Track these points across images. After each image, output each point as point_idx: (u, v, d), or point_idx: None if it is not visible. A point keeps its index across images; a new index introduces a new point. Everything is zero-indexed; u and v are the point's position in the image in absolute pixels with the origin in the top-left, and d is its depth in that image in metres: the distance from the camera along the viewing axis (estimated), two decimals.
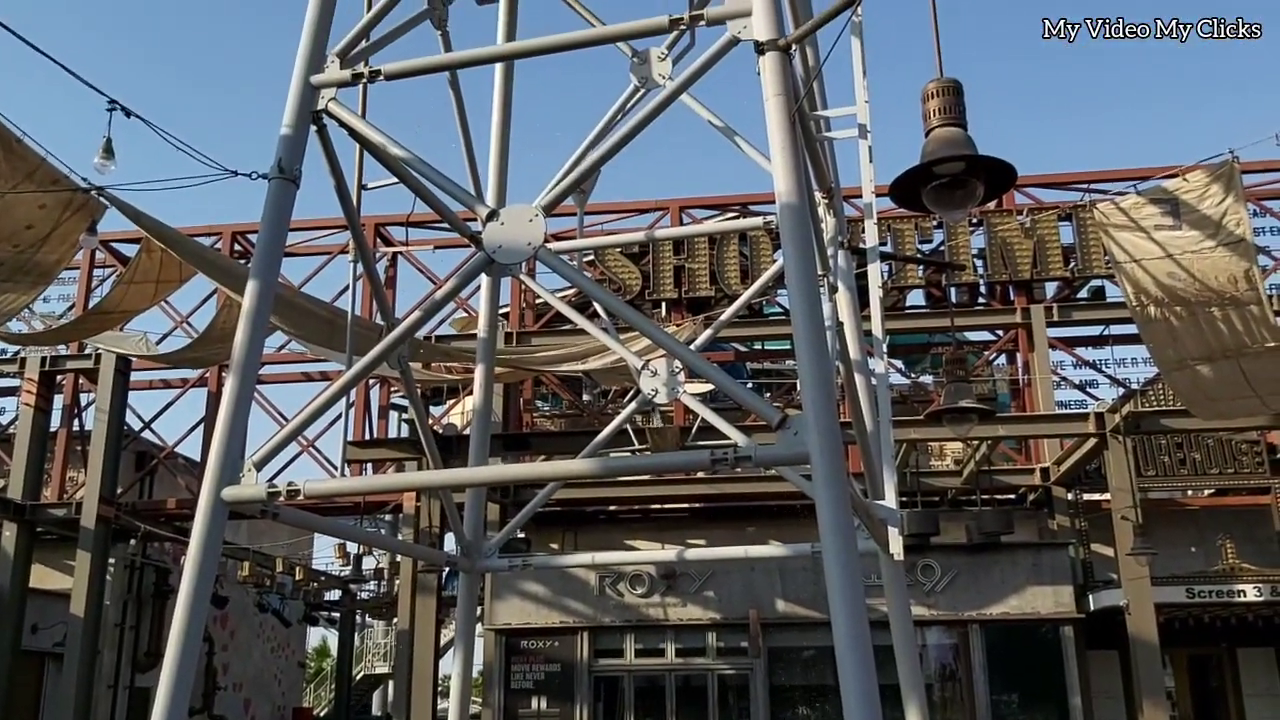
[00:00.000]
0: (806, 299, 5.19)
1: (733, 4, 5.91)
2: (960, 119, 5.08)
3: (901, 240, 18.36)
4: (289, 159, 6.11)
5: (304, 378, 21.20)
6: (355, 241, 7.32)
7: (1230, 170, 9.95)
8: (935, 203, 5.07)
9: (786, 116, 5.67)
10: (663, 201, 19.57)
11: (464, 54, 6.95)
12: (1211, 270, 10.03)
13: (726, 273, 18.64)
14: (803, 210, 5.49)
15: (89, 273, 20.20)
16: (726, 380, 5.59)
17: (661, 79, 7.12)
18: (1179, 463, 16.73)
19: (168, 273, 11.78)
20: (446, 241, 19.38)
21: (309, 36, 6.51)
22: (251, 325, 5.86)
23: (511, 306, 19.22)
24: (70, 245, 9.13)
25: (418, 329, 6.92)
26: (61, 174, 8.12)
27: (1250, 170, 15.38)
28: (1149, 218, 10.33)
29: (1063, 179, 19.07)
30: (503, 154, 9.39)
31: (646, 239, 15.74)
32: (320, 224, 19.76)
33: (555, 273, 6.57)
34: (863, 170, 8.26)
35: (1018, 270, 18.05)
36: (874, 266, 8.43)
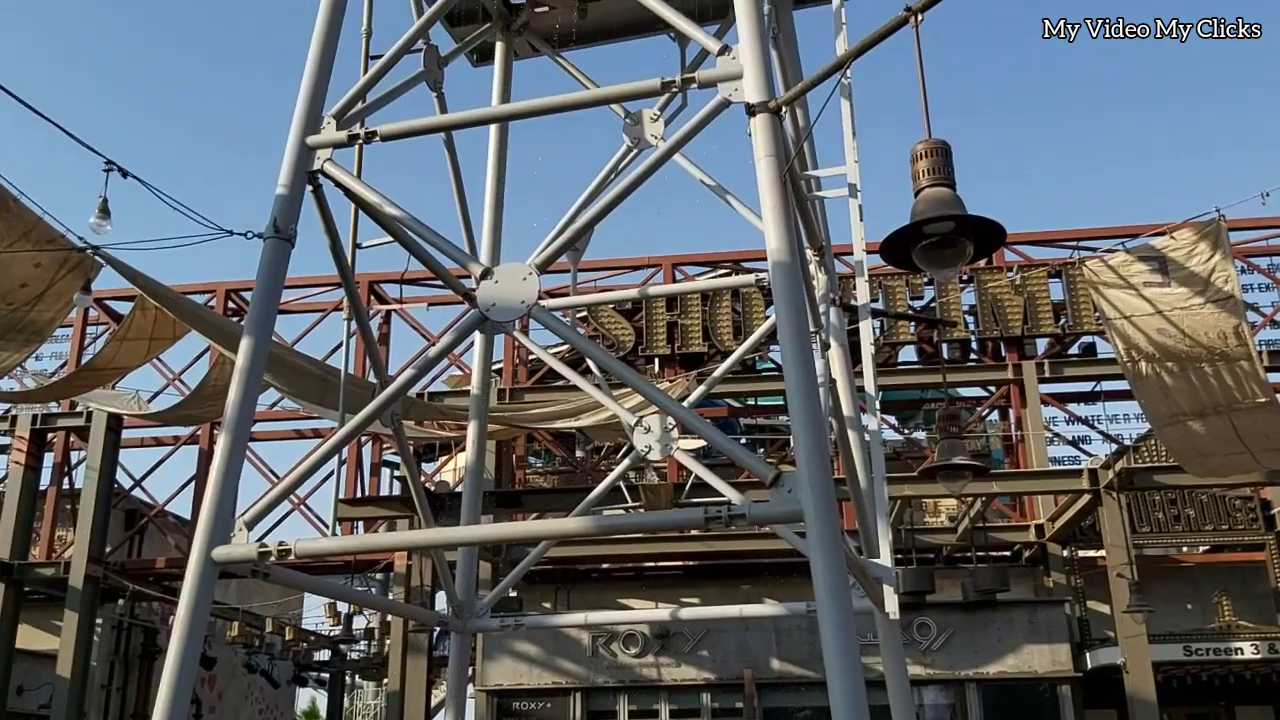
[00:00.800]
0: (799, 356, 5.22)
1: (724, 67, 6.01)
2: (949, 179, 5.14)
3: (893, 297, 18.47)
4: (284, 219, 6.16)
5: (296, 435, 21.13)
6: (350, 300, 7.35)
7: (1217, 228, 10.05)
8: (926, 262, 5.11)
9: (778, 176, 5.74)
10: (655, 258, 19.68)
11: (459, 115, 7.04)
12: (1201, 326, 10.09)
13: (719, 329, 18.70)
14: (794, 268, 5.53)
15: (82, 330, 20.19)
16: (720, 437, 5.59)
17: (654, 139, 7.21)
18: (1173, 519, 16.70)
19: (161, 330, 11.79)
20: (440, 299, 19.44)
21: (305, 98, 6.59)
22: (245, 384, 5.87)
23: (505, 363, 19.23)
24: (64, 304, 9.14)
25: (411, 387, 6.92)
26: (57, 233, 8.15)
27: (1237, 228, 15.54)
28: (1138, 275, 10.40)
29: (1052, 236, 19.24)
30: (497, 212, 9.48)
31: (640, 296, 15.81)
32: (314, 281, 19.81)
33: (549, 329, 6.60)
34: (853, 228, 8.34)
35: (1009, 327, 18.14)
36: (866, 323, 8.47)
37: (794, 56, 9.46)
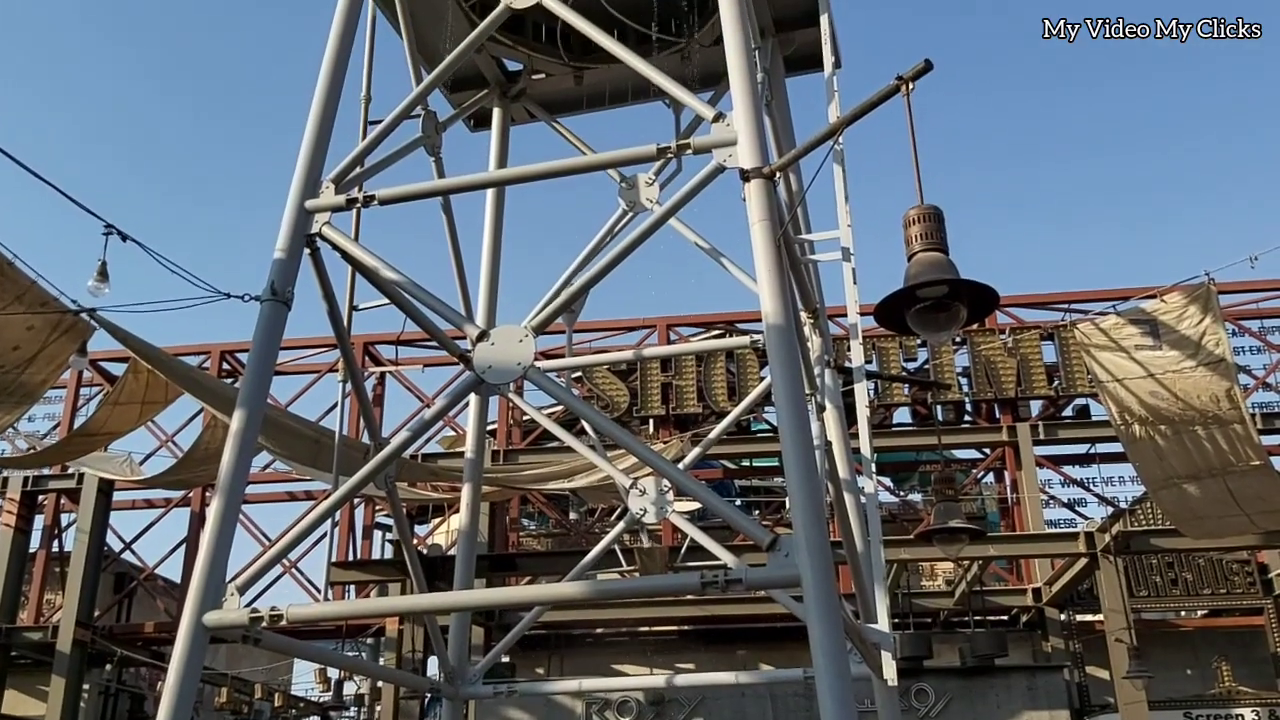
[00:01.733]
0: (795, 419, 5.22)
1: (719, 134, 6.09)
2: (941, 244, 5.19)
3: (886, 359, 18.52)
4: (281, 281, 6.19)
5: (288, 497, 21.00)
6: (345, 363, 7.36)
7: (1207, 292, 10.13)
8: (919, 325, 5.14)
9: (772, 240, 5.80)
10: (650, 319, 19.75)
11: (456, 180, 7.12)
12: (1194, 389, 10.12)
13: (714, 390, 18.71)
14: (789, 331, 5.56)
15: (75, 391, 20.14)
16: (716, 500, 5.57)
17: (649, 203, 7.28)
18: (1171, 583, 16.59)
19: (154, 393, 11.76)
20: (436, 360, 19.45)
21: (304, 162, 6.66)
22: (239, 448, 5.85)
23: (499, 424, 19.19)
24: (57, 366, 9.13)
25: (405, 450, 6.90)
26: (51, 296, 8.17)
27: (1227, 291, 15.65)
28: (1129, 338, 10.46)
29: (1043, 299, 19.36)
30: (493, 274, 9.54)
31: (634, 357, 15.84)
32: (309, 343, 19.83)
33: (544, 392, 6.61)
34: (847, 291, 8.39)
35: (1002, 389, 18.18)
36: (861, 386, 8.49)
37: (787, 122, 9.60)
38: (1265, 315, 18.77)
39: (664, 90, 6.65)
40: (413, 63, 8.52)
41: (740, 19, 6.48)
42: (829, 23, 8.63)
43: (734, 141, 6.01)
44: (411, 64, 8.52)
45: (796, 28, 9.26)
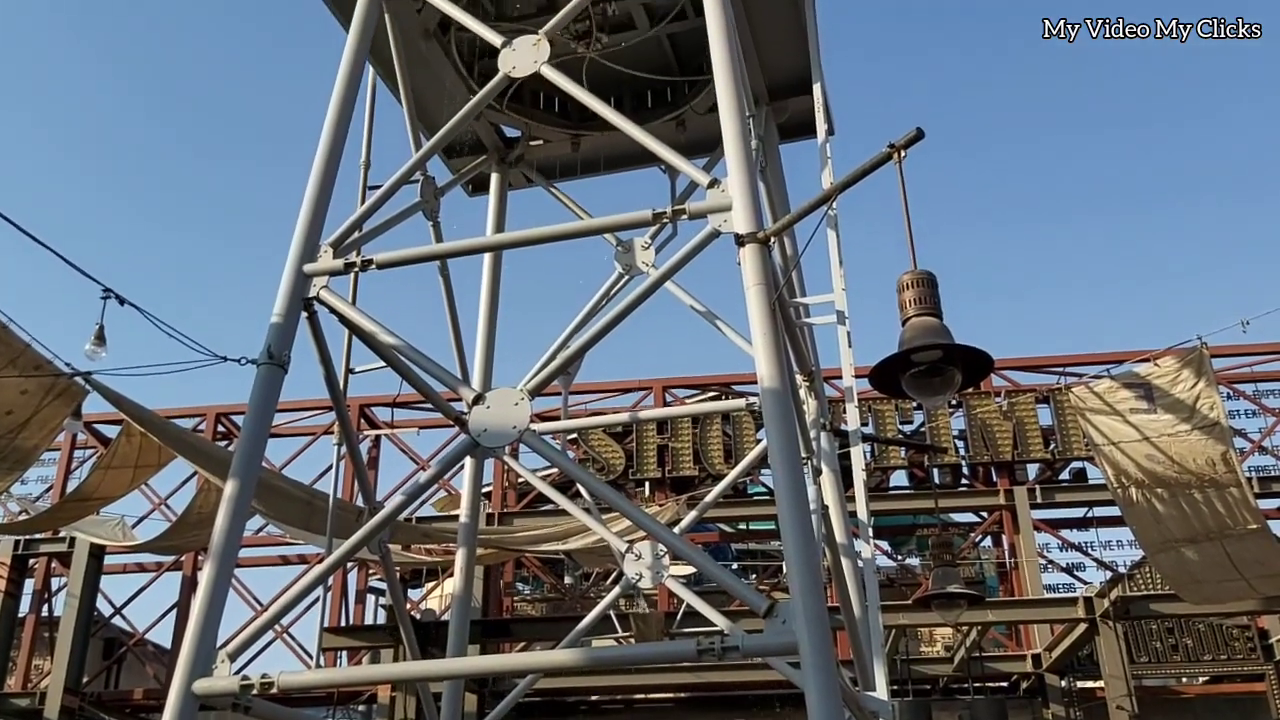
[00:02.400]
0: (791, 484, 5.21)
1: (714, 199, 6.15)
2: (935, 308, 5.22)
3: (882, 422, 18.52)
4: (278, 345, 6.20)
5: (281, 561, 20.81)
6: (340, 426, 7.35)
7: (1200, 356, 10.18)
8: (915, 390, 5.16)
9: (767, 304, 5.83)
10: (646, 381, 19.77)
11: (454, 245, 7.17)
12: (1189, 453, 10.12)
13: (710, 452, 18.67)
14: (785, 395, 5.57)
15: (69, 454, 20.05)
16: (712, 566, 5.54)
17: (645, 266, 7.32)
18: (1171, 648, 16.43)
19: (146, 457, 11.72)
20: (431, 422, 19.42)
21: (303, 227, 6.70)
22: (232, 513, 5.81)
23: (494, 486, 19.11)
24: (50, 430, 9.10)
25: (399, 514, 6.87)
26: (46, 359, 8.17)
27: (1220, 354, 15.71)
28: (1124, 401, 10.48)
29: (1038, 361, 19.42)
30: (489, 337, 9.57)
31: (630, 420, 15.82)
32: (303, 405, 19.80)
33: (539, 455, 6.59)
34: (842, 355, 8.41)
35: (999, 452, 18.16)
36: (857, 449, 8.48)
37: (781, 187, 9.70)
38: (1259, 379, 18.82)
39: (660, 157, 6.73)
40: (412, 129, 8.63)
41: (735, 88, 6.57)
42: (822, 91, 8.75)
43: (729, 207, 6.07)
44: (411, 130, 8.62)
45: (790, 96, 9.40)
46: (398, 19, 8.25)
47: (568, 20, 7.35)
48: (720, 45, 6.68)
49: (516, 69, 7.00)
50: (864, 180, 5.66)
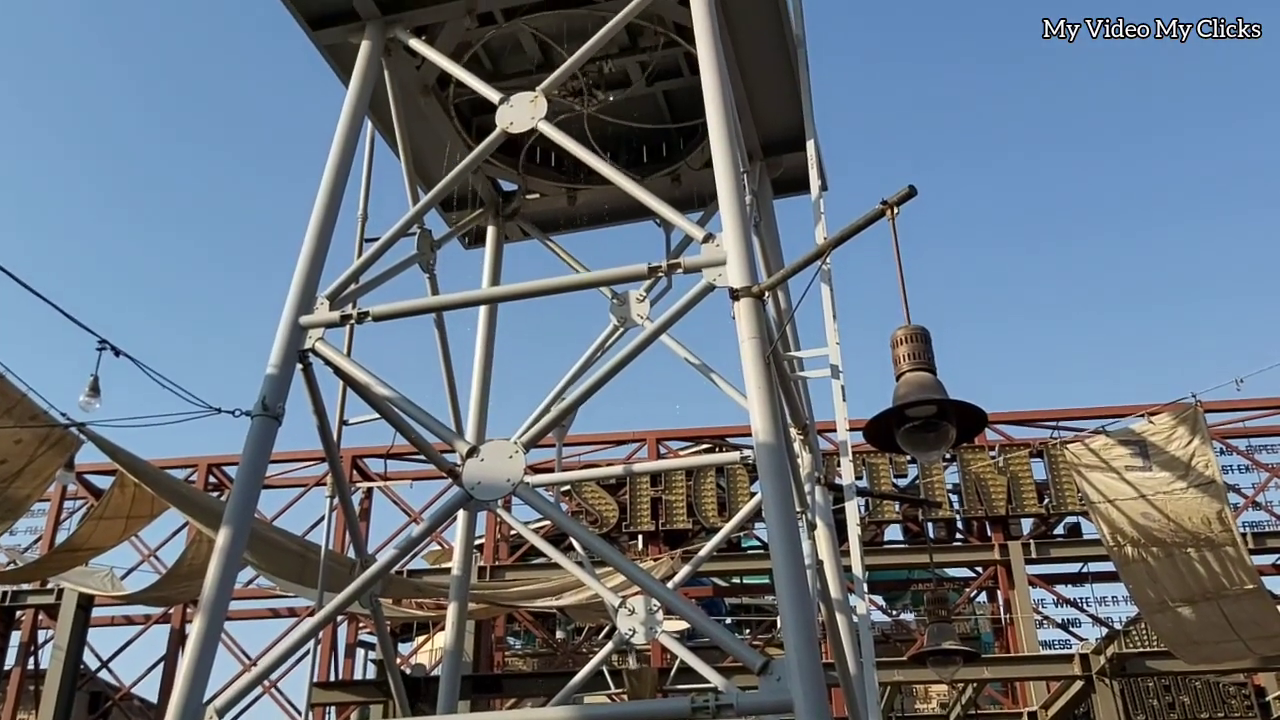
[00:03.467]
0: (786, 539, 5.19)
1: (708, 254, 6.20)
2: (929, 364, 5.24)
3: (877, 475, 18.48)
4: (273, 397, 6.19)
5: (270, 614, 20.62)
6: (334, 478, 7.32)
7: (1195, 413, 10.20)
8: (909, 445, 5.15)
9: (761, 358, 5.85)
10: (639, 433, 19.74)
11: (450, 297, 7.19)
12: (1184, 511, 10.11)
13: (704, 505, 18.60)
14: (780, 449, 5.57)
15: (59, 505, 19.92)
16: (706, 622, 5.50)
17: (640, 319, 7.34)
18: (1168, 706, 16.29)
19: (139, 508, 11.65)
20: (424, 474, 19.34)
21: (300, 279, 6.73)
22: (224, 564, 5.77)
23: (486, 539, 18.98)
24: (43, 480, 9.06)
25: (391, 568, 6.82)
26: (40, 409, 8.15)
27: (1213, 410, 15.76)
28: (1119, 458, 10.48)
29: (1032, 416, 19.44)
30: (484, 390, 9.56)
31: (624, 473, 15.78)
32: (296, 456, 19.72)
33: (533, 508, 6.56)
34: (836, 409, 8.41)
35: (993, 506, 18.11)
36: (851, 504, 8.45)
37: (775, 241, 9.77)
38: (1253, 434, 18.85)
39: (655, 211, 6.78)
40: (409, 182, 8.69)
41: (729, 144, 6.65)
42: (815, 148, 8.85)
43: (723, 261, 6.11)
44: (408, 183, 8.68)
45: (784, 152, 9.49)
46: (397, 75, 8.35)
47: (565, 78, 7.46)
48: (715, 103, 6.76)
49: (514, 125, 7.08)
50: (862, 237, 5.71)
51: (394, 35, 7.97)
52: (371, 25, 7.97)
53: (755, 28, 8.25)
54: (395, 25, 7.97)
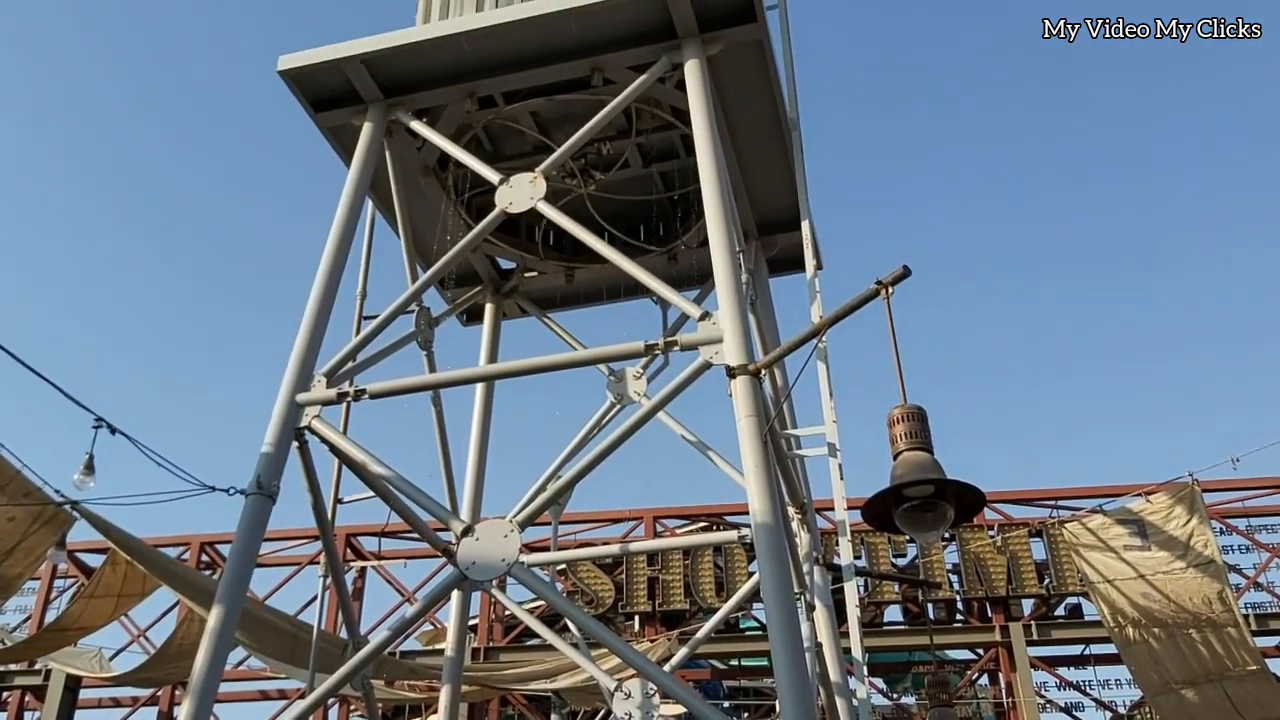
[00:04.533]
0: (784, 621, 5.14)
1: (705, 332, 6.23)
2: (926, 443, 5.24)
3: (875, 555, 18.32)
4: (268, 476, 6.17)
5: (260, 696, 20.24)
6: (327, 557, 7.26)
7: (1192, 493, 10.18)
8: (907, 525, 5.13)
9: (758, 436, 5.85)
10: (636, 511, 19.58)
11: (447, 375, 7.21)
12: (1185, 592, 10.03)
13: (701, 585, 18.40)
14: (778, 530, 5.54)
15: (49, 584, 19.68)
16: (704, 706, 5.42)
17: (637, 396, 7.36)
18: None
19: (130, 587, 11.53)
20: (419, 553, 19.16)
21: (297, 356, 6.75)
22: (214, 646, 5.70)
23: (480, 619, 18.74)
24: (35, 559, 8.97)
25: (384, 650, 6.74)
26: (35, 486, 8.10)
27: (1211, 489, 15.69)
28: (1118, 538, 10.43)
29: (1030, 495, 19.32)
30: (479, 468, 9.53)
31: (620, 552, 15.64)
32: (289, 534, 19.53)
33: (528, 588, 6.50)
34: (834, 488, 8.37)
35: (993, 587, 17.93)
36: (850, 584, 8.38)
37: (771, 319, 9.83)
38: (1251, 514, 18.74)
39: (652, 289, 6.84)
40: (409, 260, 8.76)
41: (725, 224, 6.73)
42: (810, 228, 8.94)
43: (720, 339, 6.15)
44: (407, 261, 8.76)
45: (779, 231, 9.60)
46: (398, 155, 8.47)
47: (563, 159, 7.57)
48: (711, 184, 6.87)
49: (513, 205, 7.17)
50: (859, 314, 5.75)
51: (396, 117, 8.11)
52: (374, 108, 8.11)
53: (750, 111, 8.40)
54: (397, 108, 8.12)
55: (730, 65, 7.84)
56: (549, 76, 7.99)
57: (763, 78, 8.07)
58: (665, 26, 7.56)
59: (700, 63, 7.45)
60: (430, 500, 6.43)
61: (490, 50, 7.83)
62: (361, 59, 7.87)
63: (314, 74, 8.04)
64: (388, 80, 8.09)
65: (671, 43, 7.59)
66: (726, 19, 7.51)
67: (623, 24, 7.59)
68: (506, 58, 7.88)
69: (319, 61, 7.92)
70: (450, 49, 7.81)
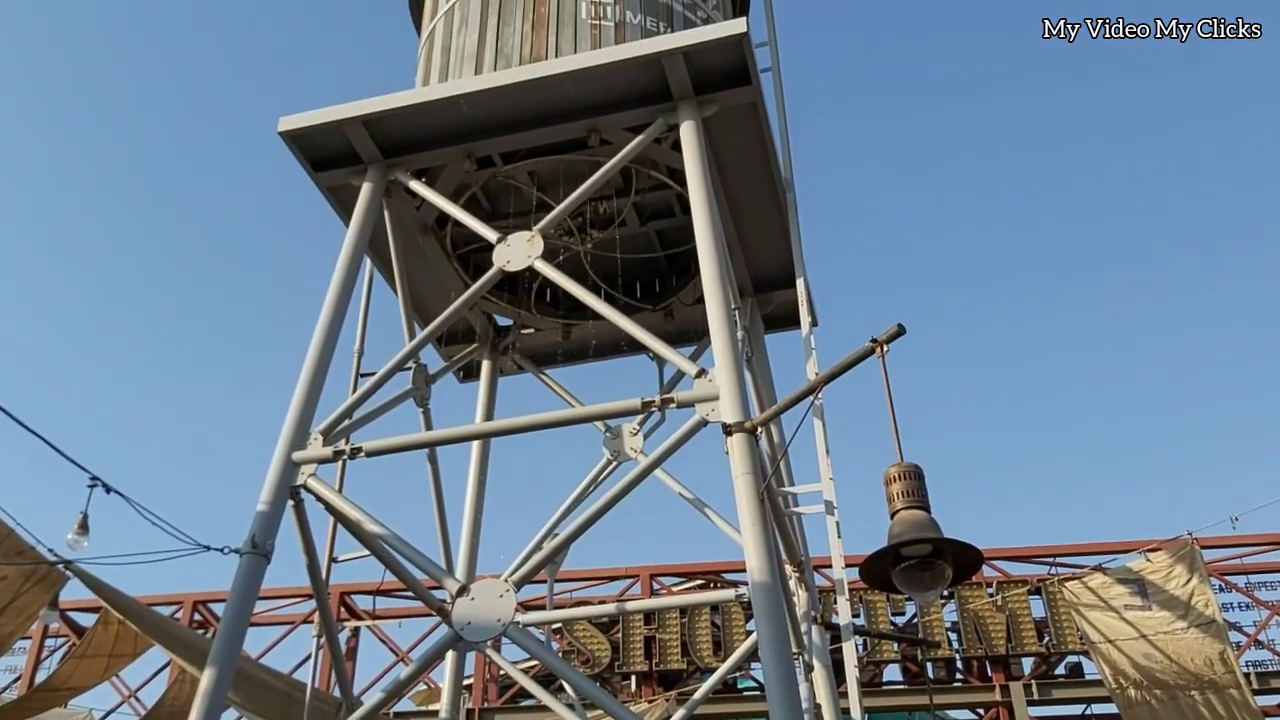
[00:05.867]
0: (783, 682, 5.10)
1: (701, 389, 6.25)
2: (923, 501, 5.23)
3: (874, 613, 18.17)
4: (262, 534, 6.15)
5: None
6: (321, 616, 7.20)
7: (1192, 552, 10.14)
8: (905, 584, 5.10)
9: (755, 494, 5.85)
10: (632, 569, 19.43)
11: (444, 433, 7.21)
12: (1186, 652, 9.95)
13: (698, 644, 18.22)
14: (775, 588, 5.51)
15: (40, 643, 19.44)
16: None
17: (634, 453, 7.35)
18: None
19: (122, 646, 11.40)
20: (414, 611, 18.99)
21: (294, 414, 6.76)
22: (207, 705, 5.64)
23: (474, 679, 18.51)
24: (27, 618, 8.88)
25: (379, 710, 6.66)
26: (28, 545, 8.05)
27: (1210, 546, 15.62)
28: (1118, 597, 10.37)
29: (1028, 552, 19.21)
30: (475, 525, 9.50)
31: (617, 611, 15.52)
32: (282, 593, 19.36)
33: (523, 649, 6.45)
34: (832, 545, 8.33)
35: (993, 645, 17.77)
36: (849, 644, 8.31)
37: (767, 376, 9.86)
38: (1250, 570, 18.63)
39: (648, 346, 6.87)
40: (406, 318, 8.80)
41: (721, 282, 6.78)
42: (805, 285, 9.01)
43: (716, 397, 6.17)
44: (405, 319, 8.80)
45: (775, 289, 9.66)
46: (396, 214, 8.55)
47: (561, 218, 7.64)
48: (706, 243, 6.93)
49: (511, 263, 7.23)
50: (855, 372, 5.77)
51: (395, 177, 8.20)
52: (374, 168, 8.20)
53: (745, 171, 8.50)
54: (396, 168, 8.20)
55: (725, 126, 7.95)
56: (547, 137, 8.09)
57: (757, 138, 8.17)
58: (661, 89, 7.67)
59: (695, 124, 7.55)
60: (425, 559, 6.40)
61: (489, 112, 7.94)
62: (362, 120, 7.97)
63: (314, 135, 8.13)
64: (387, 141, 8.19)
65: (667, 104, 7.70)
66: (721, 82, 7.63)
67: (619, 86, 7.71)
68: (505, 119, 7.99)
69: (319, 123, 8.02)
70: (449, 110, 7.92)
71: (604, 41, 8.09)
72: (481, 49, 8.38)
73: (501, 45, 8.32)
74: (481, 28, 8.51)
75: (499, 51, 8.30)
